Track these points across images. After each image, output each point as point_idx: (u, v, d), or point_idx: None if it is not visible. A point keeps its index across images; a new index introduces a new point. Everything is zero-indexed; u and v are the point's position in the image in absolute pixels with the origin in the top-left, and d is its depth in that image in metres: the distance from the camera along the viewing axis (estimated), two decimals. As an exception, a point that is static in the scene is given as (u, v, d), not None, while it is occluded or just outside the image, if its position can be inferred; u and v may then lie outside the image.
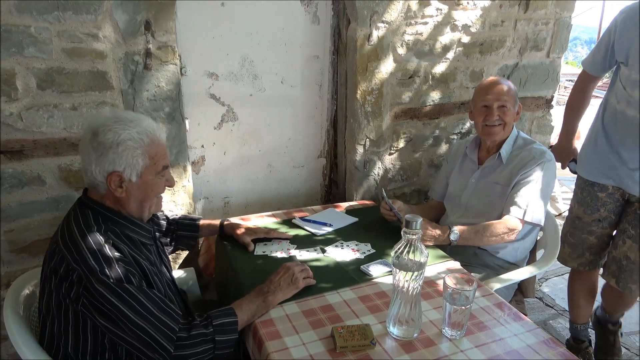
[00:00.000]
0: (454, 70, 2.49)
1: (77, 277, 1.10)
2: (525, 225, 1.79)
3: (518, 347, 1.19)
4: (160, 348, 1.11)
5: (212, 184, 2.38)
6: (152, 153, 1.23)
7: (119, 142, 1.17)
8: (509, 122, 1.83)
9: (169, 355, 1.12)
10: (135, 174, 1.21)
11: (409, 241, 1.14)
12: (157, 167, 1.25)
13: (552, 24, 2.63)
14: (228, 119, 2.31)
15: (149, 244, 1.33)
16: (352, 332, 1.18)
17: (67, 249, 1.14)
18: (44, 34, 1.64)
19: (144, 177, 1.23)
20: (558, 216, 4.04)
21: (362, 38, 2.20)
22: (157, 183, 1.27)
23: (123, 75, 1.81)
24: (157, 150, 1.24)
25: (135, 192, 1.24)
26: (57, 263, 1.14)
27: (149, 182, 1.24)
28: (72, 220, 1.20)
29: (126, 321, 1.10)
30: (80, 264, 1.11)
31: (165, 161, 1.27)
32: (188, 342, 1.14)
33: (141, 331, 1.11)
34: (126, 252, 1.18)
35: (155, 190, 1.28)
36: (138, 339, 1.11)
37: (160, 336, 1.11)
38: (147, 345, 1.11)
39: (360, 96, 2.29)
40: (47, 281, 1.17)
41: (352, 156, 2.41)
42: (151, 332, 1.11)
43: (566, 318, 2.59)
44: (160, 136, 1.27)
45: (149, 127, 1.23)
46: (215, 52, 2.16)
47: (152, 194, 1.28)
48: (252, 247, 1.68)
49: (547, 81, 2.76)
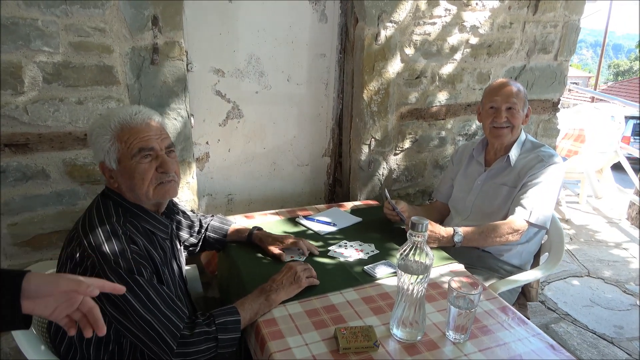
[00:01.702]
0: (461, 72, 2.48)
1: (91, 264, 1.11)
2: (531, 228, 1.78)
3: (522, 352, 1.18)
4: (164, 344, 1.11)
5: (216, 180, 2.37)
6: (124, 137, 1.21)
7: (91, 132, 1.24)
8: (517, 124, 1.82)
9: (171, 352, 1.12)
10: (114, 161, 1.22)
11: (415, 243, 1.13)
12: (131, 150, 1.21)
13: (560, 26, 2.62)
14: (233, 116, 2.30)
15: (166, 238, 1.33)
16: (355, 334, 1.17)
17: (84, 235, 1.15)
18: (51, 27, 1.64)
19: (123, 163, 1.22)
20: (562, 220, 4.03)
21: (369, 37, 2.19)
22: (139, 167, 1.22)
23: (129, 70, 1.81)
24: (131, 134, 1.21)
25: (122, 180, 1.23)
26: (74, 248, 1.15)
27: (128, 167, 1.22)
28: (94, 208, 1.23)
29: (133, 313, 1.11)
30: (95, 250, 1.12)
31: (142, 143, 1.22)
32: (191, 339, 1.14)
33: (147, 324, 1.11)
34: (141, 245, 1.20)
35: (140, 174, 1.22)
36: (143, 332, 1.11)
37: (164, 331, 1.12)
38: (151, 339, 1.12)
39: (367, 95, 2.28)
40: (63, 266, 1.18)
41: (356, 156, 2.40)
42: (156, 327, 1.11)
43: (568, 322, 2.58)
44: (134, 121, 1.23)
45: (121, 114, 1.23)
46: (222, 49, 2.15)
47: (139, 178, 1.22)
48: (285, 258, 1.59)
49: (554, 84, 2.75)
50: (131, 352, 1.23)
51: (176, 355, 1.12)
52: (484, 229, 1.74)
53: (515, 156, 1.85)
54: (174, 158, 1.31)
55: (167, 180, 1.27)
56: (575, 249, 3.56)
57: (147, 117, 1.26)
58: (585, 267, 3.26)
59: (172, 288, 1.28)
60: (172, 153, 1.30)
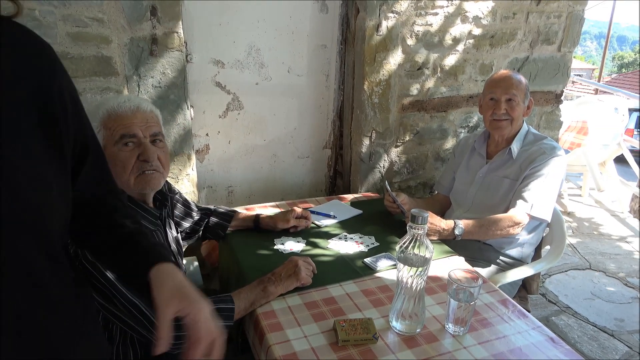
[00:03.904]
0: (463, 63, 2.45)
1: (74, 252, 1.10)
2: (532, 221, 1.77)
3: (521, 345, 1.17)
4: (152, 326, 1.11)
5: (216, 172, 2.37)
6: (109, 124, 1.21)
7: None
8: (516, 117, 1.80)
9: None
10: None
11: (415, 236, 1.12)
12: (114, 136, 1.21)
13: (564, 17, 2.58)
14: (233, 108, 2.29)
15: (153, 229, 1.32)
16: (354, 326, 1.17)
17: None
18: (49, 17, 1.62)
19: (107, 150, 1.20)
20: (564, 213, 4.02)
21: (370, 28, 2.17)
22: (120, 154, 1.21)
23: (128, 61, 1.79)
24: (116, 121, 1.21)
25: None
26: None
27: (111, 154, 1.20)
28: None
29: (120, 297, 1.10)
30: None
31: (125, 130, 1.21)
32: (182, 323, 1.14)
33: (134, 308, 1.11)
34: None
35: (122, 162, 1.21)
36: (131, 316, 1.11)
37: (153, 314, 1.11)
38: (139, 322, 1.11)
39: (368, 87, 2.26)
40: None
41: (357, 148, 2.39)
42: (144, 310, 1.11)
43: (569, 315, 2.58)
44: (121, 108, 1.22)
45: (110, 102, 1.23)
46: (222, 40, 2.14)
47: (120, 166, 1.21)
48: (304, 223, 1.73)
49: (557, 76, 2.72)
50: (121, 338, 1.23)
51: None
52: (485, 221, 1.73)
53: (517, 148, 1.84)
54: (162, 148, 1.29)
55: (150, 170, 1.24)
56: (577, 241, 3.56)
57: (135, 105, 1.25)
58: (586, 260, 3.26)
59: None
60: (159, 142, 1.28)
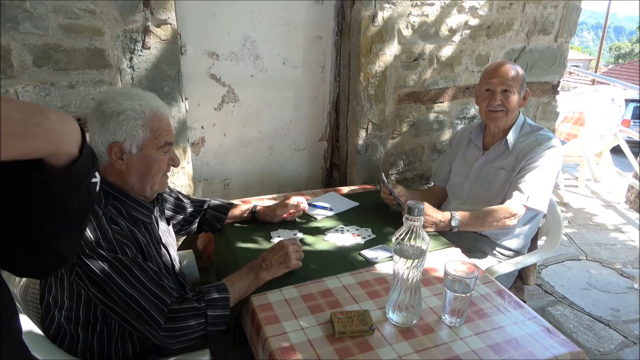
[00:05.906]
0: (459, 54, 2.44)
1: None
2: (528, 212, 1.77)
3: (517, 335, 1.18)
4: (151, 319, 1.11)
5: (212, 165, 2.35)
6: (154, 127, 1.21)
7: (119, 112, 1.17)
8: (512, 108, 1.79)
9: (159, 327, 1.11)
10: (136, 146, 1.20)
11: (411, 227, 1.12)
12: (158, 141, 1.23)
13: (561, 7, 2.57)
14: (228, 100, 2.27)
15: (148, 222, 1.32)
16: (351, 318, 1.17)
17: None
18: (40, 9, 1.60)
19: (145, 151, 1.21)
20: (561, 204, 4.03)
21: (366, 19, 2.15)
22: (159, 159, 1.25)
23: (121, 53, 1.77)
24: (160, 125, 1.23)
25: (136, 166, 1.22)
26: None
27: (149, 157, 1.22)
28: None
29: (118, 291, 1.10)
30: None
31: (168, 137, 1.25)
32: (179, 314, 1.14)
33: (132, 301, 1.10)
34: (123, 226, 1.18)
35: (157, 167, 1.25)
36: (129, 310, 1.11)
37: (151, 307, 1.11)
38: (138, 315, 1.11)
39: (364, 79, 2.25)
40: None
41: (354, 140, 2.38)
42: (142, 303, 1.10)
43: (564, 305, 2.59)
44: (165, 113, 1.25)
45: (152, 102, 1.23)
46: (216, 31, 2.11)
47: (154, 170, 1.25)
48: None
49: (554, 66, 2.71)
50: (119, 332, 1.23)
51: (164, 330, 1.12)
52: (481, 213, 1.73)
53: (513, 140, 1.83)
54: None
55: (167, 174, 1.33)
56: (573, 232, 3.57)
57: (168, 111, 1.29)
58: (582, 250, 3.27)
59: (161, 268, 1.28)
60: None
